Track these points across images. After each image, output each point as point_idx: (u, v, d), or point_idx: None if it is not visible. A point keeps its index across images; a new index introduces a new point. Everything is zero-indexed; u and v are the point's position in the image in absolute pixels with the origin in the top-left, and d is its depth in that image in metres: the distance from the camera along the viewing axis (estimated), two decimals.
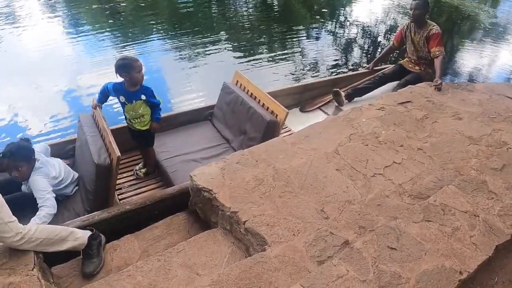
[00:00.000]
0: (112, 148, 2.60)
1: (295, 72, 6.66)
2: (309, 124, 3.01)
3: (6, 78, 6.23)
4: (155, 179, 3.35)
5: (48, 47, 7.41)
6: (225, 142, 3.60)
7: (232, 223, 2.21)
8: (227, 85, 3.75)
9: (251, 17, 9.64)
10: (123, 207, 2.58)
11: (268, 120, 3.15)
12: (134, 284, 1.96)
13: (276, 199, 2.29)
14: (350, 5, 10.44)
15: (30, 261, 1.89)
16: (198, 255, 2.12)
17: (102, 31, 8.19)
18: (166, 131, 3.64)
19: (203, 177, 2.43)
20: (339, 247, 1.98)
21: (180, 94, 5.79)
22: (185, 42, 7.67)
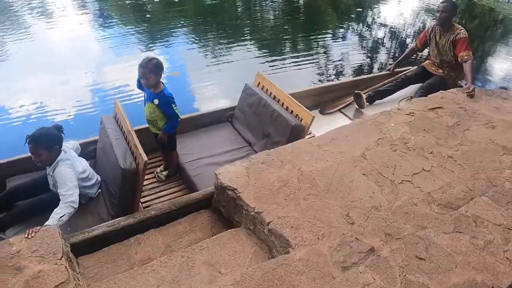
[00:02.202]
0: (139, 152, 2.55)
1: (318, 73, 6.58)
2: (329, 126, 2.97)
3: (33, 72, 6.40)
4: (177, 182, 3.34)
5: (76, 42, 7.60)
6: (247, 145, 3.57)
7: (256, 223, 2.20)
8: (249, 87, 3.72)
9: (276, 17, 9.60)
10: (148, 213, 2.57)
11: (293, 124, 3.11)
12: (157, 278, 1.97)
13: (301, 201, 2.26)
14: (378, 6, 10.25)
15: (58, 250, 1.93)
16: (221, 253, 2.12)
17: (129, 27, 8.33)
18: (187, 133, 3.62)
19: (228, 175, 2.43)
20: (365, 254, 1.95)
21: (201, 93, 5.78)
22: (210, 41, 7.71)
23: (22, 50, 7.21)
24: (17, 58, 6.88)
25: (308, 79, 6.24)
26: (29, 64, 6.63)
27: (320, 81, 6.26)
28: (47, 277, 1.80)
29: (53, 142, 2.51)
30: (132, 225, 2.49)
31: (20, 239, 1.98)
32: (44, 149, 2.48)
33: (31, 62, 6.73)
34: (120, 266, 2.22)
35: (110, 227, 2.44)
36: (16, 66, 6.62)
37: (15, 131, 4.85)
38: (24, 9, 9.09)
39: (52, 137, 2.52)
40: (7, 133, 4.81)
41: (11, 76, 6.29)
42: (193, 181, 3.11)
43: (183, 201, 2.71)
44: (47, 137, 2.49)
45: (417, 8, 9.95)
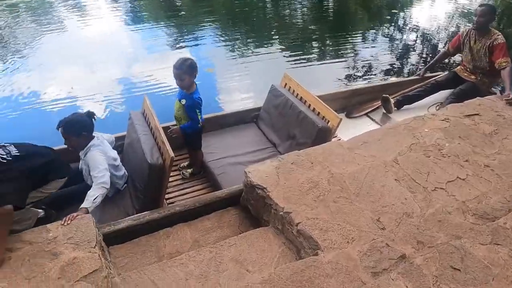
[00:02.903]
0: (166, 148, 2.59)
1: (345, 76, 6.50)
2: (355, 130, 2.92)
3: (66, 64, 6.61)
4: (201, 180, 3.38)
5: (107, 36, 7.81)
6: (271, 146, 3.56)
7: (284, 223, 2.20)
8: (275, 88, 3.71)
9: (305, 17, 9.55)
10: (173, 209, 2.61)
11: (320, 126, 3.09)
12: (186, 272, 2.00)
13: (331, 203, 2.24)
14: (410, 9, 10.02)
15: (92, 239, 1.99)
16: (249, 251, 2.13)
17: (159, 23, 8.48)
18: (212, 132, 3.66)
19: (257, 174, 2.44)
20: (395, 261, 1.91)
21: (227, 92, 5.82)
22: (237, 39, 7.74)
23: (56, 43, 7.49)
24: (51, 50, 7.15)
25: (335, 82, 6.17)
26: (62, 57, 6.86)
27: (347, 84, 6.19)
28: (82, 264, 1.86)
29: (81, 128, 2.59)
30: (157, 220, 2.53)
31: (57, 226, 2.05)
32: (73, 134, 2.56)
33: (64, 54, 6.97)
34: (149, 257, 2.27)
35: (135, 221, 2.49)
36: (50, 57, 6.87)
37: (45, 120, 5.02)
38: (60, 3, 9.39)
39: (81, 124, 2.59)
40: (39, 122, 4.98)
41: (45, 67, 6.53)
42: (217, 179, 3.14)
43: (207, 198, 2.74)
44: (76, 123, 2.58)
45: (451, 11, 9.68)
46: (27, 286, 1.76)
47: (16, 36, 7.74)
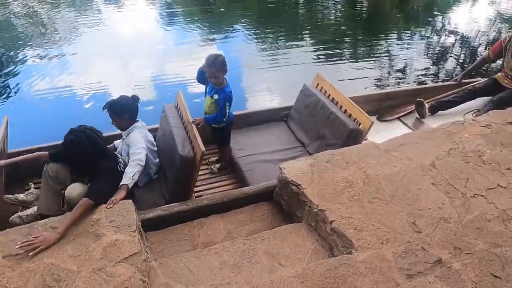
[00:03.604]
0: (197, 142, 2.64)
1: (378, 78, 6.39)
2: (386, 134, 2.89)
3: (100, 56, 6.82)
4: (229, 175, 3.42)
5: (141, 31, 8.01)
6: (300, 145, 3.57)
7: (318, 220, 2.21)
8: (307, 87, 3.70)
9: (338, 16, 9.45)
10: (201, 202, 2.69)
11: (351, 128, 3.07)
12: (220, 261, 2.05)
13: (366, 204, 2.24)
14: (449, 11, 9.73)
15: (133, 223, 2.07)
16: (282, 246, 2.16)
17: (193, 19, 8.61)
18: (241, 129, 3.69)
19: (292, 171, 2.46)
20: (431, 265, 1.89)
21: (256, 91, 5.82)
22: (268, 39, 7.75)
23: (92, 35, 7.74)
24: (87, 42, 7.40)
25: (367, 84, 6.08)
26: (96, 49, 7.09)
27: (378, 86, 6.09)
28: (122, 246, 1.94)
29: (123, 111, 2.72)
30: (185, 212, 2.61)
31: (100, 209, 2.15)
32: (115, 115, 2.72)
33: (98, 47, 7.20)
34: (184, 245, 2.34)
35: (164, 211, 2.57)
36: (85, 49, 7.11)
37: (75, 108, 5.23)
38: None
39: (123, 107, 2.73)
40: (69, 110, 5.19)
41: (80, 58, 6.77)
42: (245, 176, 3.18)
43: (234, 194, 2.79)
44: (119, 106, 2.72)
45: (493, 15, 9.32)
46: (72, 263, 1.85)
47: (56, 28, 8.08)
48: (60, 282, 1.77)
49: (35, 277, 1.78)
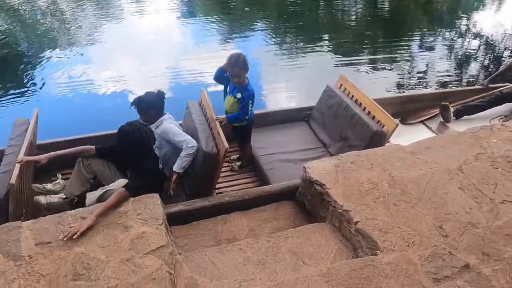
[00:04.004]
0: (221, 139, 2.67)
1: (399, 80, 6.31)
2: (409, 137, 2.87)
3: (120, 52, 6.95)
4: (249, 173, 3.44)
5: (161, 30, 8.11)
6: (321, 146, 3.56)
7: (342, 221, 2.21)
8: (330, 88, 3.69)
9: (359, 19, 9.36)
10: (223, 198, 2.71)
11: (374, 130, 3.04)
12: (244, 257, 2.07)
13: (391, 206, 2.22)
14: (474, 13, 9.52)
15: (160, 216, 2.10)
16: (305, 244, 2.16)
17: (211, 19, 8.67)
18: (263, 128, 3.69)
19: (316, 170, 2.46)
20: (459, 269, 1.86)
21: (273, 91, 5.80)
22: (288, 40, 7.74)
23: (114, 32, 7.88)
24: (108, 39, 7.53)
25: (387, 86, 6.01)
26: (118, 46, 7.23)
27: (399, 89, 6.01)
28: (150, 238, 1.98)
29: (149, 107, 2.80)
30: (207, 208, 2.64)
31: (128, 202, 2.19)
32: (142, 112, 2.81)
33: (120, 43, 7.34)
34: (207, 240, 2.37)
35: (186, 207, 2.61)
36: (106, 46, 7.25)
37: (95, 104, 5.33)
38: None
39: (148, 103, 2.80)
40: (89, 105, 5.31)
41: (102, 54, 6.90)
42: (266, 174, 3.19)
43: (256, 192, 2.81)
44: (144, 103, 2.80)
45: None
46: (101, 253, 1.90)
47: (79, 25, 8.26)
48: (89, 271, 1.81)
49: (66, 265, 1.83)
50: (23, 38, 7.60)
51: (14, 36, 7.60)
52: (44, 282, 1.75)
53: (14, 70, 6.34)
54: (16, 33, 7.78)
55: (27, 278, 1.77)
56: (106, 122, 4.59)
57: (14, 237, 1.95)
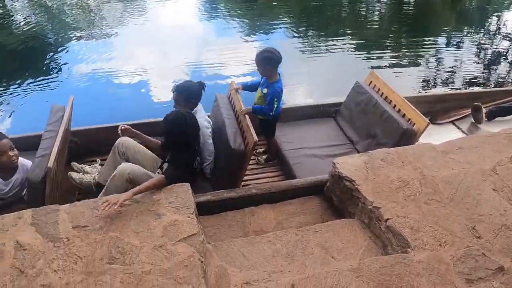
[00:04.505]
0: (250, 132, 2.69)
1: (425, 79, 6.19)
2: (438, 137, 2.87)
3: (142, 44, 7.07)
4: (275, 167, 3.47)
5: (182, 23, 8.17)
6: (349, 142, 3.54)
7: (372, 217, 2.20)
8: (359, 84, 3.65)
9: (383, 16, 9.20)
10: (249, 190, 2.73)
11: (404, 128, 3.01)
12: (273, 250, 2.09)
13: (422, 204, 2.20)
14: (505, 13, 9.22)
15: (191, 205, 2.14)
16: (334, 239, 2.16)
17: (234, 15, 8.68)
18: (290, 122, 3.70)
19: (346, 166, 2.45)
20: (493, 272, 1.84)
21: (297, 86, 5.79)
22: (310, 37, 7.68)
23: (137, 25, 7.99)
24: (131, 32, 7.65)
25: (413, 85, 5.90)
26: (141, 38, 7.34)
27: (425, 88, 5.89)
28: (182, 226, 2.01)
29: (190, 96, 2.85)
30: (234, 199, 2.66)
31: (160, 190, 2.23)
32: (183, 100, 2.84)
33: (142, 36, 7.45)
34: (235, 232, 2.40)
35: (214, 197, 2.64)
36: (129, 38, 7.36)
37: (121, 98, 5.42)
38: None
39: (191, 92, 2.85)
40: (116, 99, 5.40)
41: (124, 46, 7.02)
42: (292, 169, 3.20)
43: (282, 185, 2.82)
44: (187, 91, 2.84)
45: None
46: (136, 238, 1.94)
47: (104, 17, 8.40)
48: (124, 255, 1.86)
49: (102, 248, 1.89)
50: (55, 29, 7.80)
51: (45, 27, 7.82)
52: (81, 264, 1.81)
53: (48, 59, 6.54)
54: (48, 24, 8.01)
55: (65, 259, 1.83)
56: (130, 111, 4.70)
57: (52, 220, 2.02)
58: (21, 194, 2.71)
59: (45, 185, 2.43)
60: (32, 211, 2.07)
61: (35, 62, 6.43)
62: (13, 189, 2.69)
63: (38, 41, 7.14)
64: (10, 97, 5.38)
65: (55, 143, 2.60)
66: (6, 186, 2.66)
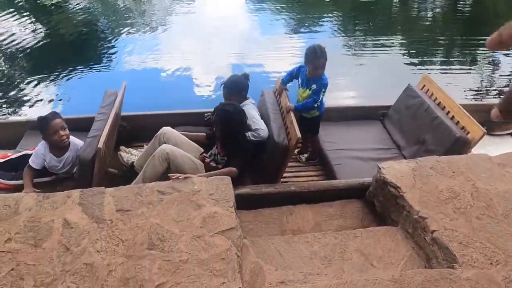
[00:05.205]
0: (294, 128, 2.67)
1: (479, 86, 5.82)
2: (492, 149, 2.70)
3: (190, 35, 7.23)
4: (315, 166, 3.42)
5: (229, 15, 8.22)
6: (395, 147, 3.41)
7: (417, 227, 2.09)
8: (411, 88, 3.50)
9: (435, 16, 8.77)
10: (288, 187, 2.72)
11: (457, 136, 2.84)
12: (311, 251, 2.04)
13: (473, 219, 2.06)
14: None
15: (231, 199, 2.14)
16: (374, 247, 2.08)
17: (281, 9, 8.60)
18: (334, 122, 3.63)
19: (392, 172, 2.35)
20: None
21: (341, 87, 5.65)
22: (358, 35, 7.47)
23: (185, 17, 8.15)
24: (179, 24, 7.81)
25: (465, 91, 5.57)
26: (191, 29, 7.51)
27: (478, 96, 5.54)
28: (220, 219, 2.02)
29: (240, 88, 2.92)
30: (272, 194, 2.66)
31: (201, 181, 2.25)
32: (233, 94, 2.91)
33: (193, 26, 7.61)
34: (273, 229, 2.37)
35: (253, 190, 2.64)
36: (177, 30, 7.54)
37: (167, 88, 5.54)
38: None
39: (240, 85, 2.92)
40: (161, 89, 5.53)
41: (172, 38, 7.17)
42: (333, 169, 3.13)
43: (322, 185, 2.77)
44: (236, 84, 2.91)
45: None
46: (175, 227, 1.97)
47: (155, 7, 8.63)
48: (164, 242, 1.89)
49: (143, 233, 1.93)
50: (109, 17, 8.13)
51: (99, 16, 8.17)
52: (123, 247, 1.86)
53: (102, 46, 6.86)
54: (103, 13, 8.37)
55: (108, 241, 1.88)
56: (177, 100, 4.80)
57: (98, 201, 2.09)
58: (72, 171, 2.87)
59: (94, 164, 2.54)
60: (80, 192, 2.15)
61: (89, 50, 6.76)
62: (65, 166, 2.84)
63: (93, 29, 7.50)
64: (68, 81, 5.71)
65: (106, 125, 2.72)
66: (59, 163, 2.83)
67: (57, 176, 2.92)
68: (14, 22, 7.62)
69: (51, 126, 2.66)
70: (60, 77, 5.74)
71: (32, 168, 2.77)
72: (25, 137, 3.30)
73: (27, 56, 6.43)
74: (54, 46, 6.83)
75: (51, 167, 2.84)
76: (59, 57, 6.46)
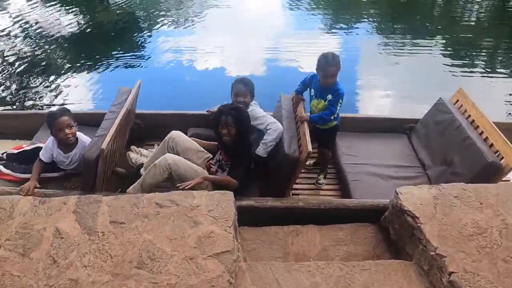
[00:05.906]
0: (306, 140, 2.52)
1: None
2: None
3: (221, 31, 7.17)
4: (330, 180, 3.23)
5: (264, 11, 8.05)
6: (419, 166, 3.16)
7: (433, 265, 1.88)
8: (443, 102, 3.22)
9: (480, 19, 8.18)
10: (296, 203, 2.59)
11: (489, 160, 2.57)
12: (311, 282, 1.88)
13: (499, 261, 1.82)
14: None
15: (230, 217, 2.00)
16: (384, 283, 1.89)
17: (317, 6, 8.34)
18: (354, 133, 3.42)
19: (410, 198, 2.13)
20: None
21: (369, 93, 5.33)
22: (394, 38, 7.09)
23: (219, 12, 8.05)
24: (213, 20, 7.75)
25: (508, 109, 5.10)
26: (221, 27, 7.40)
27: None
28: (217, 240, 1.89)
29: (254, 90, 2.89)
30: (277, 209, 2.54)
31: (201, 195, 2.13)
32: (251, 92, 2.86)
33: (226, 23, 7.53)
34: (275, 250, 2.23)
35: (257, 203, 2.53)
36: (210, 25, 7.48)
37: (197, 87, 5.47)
38: None
39: (253, 86, 2.88)
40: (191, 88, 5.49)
41: (205, 33, 7.14)
42: (348, 185, 2.94)
43: (333, 203, 2.62)
44: (252, 85, 2.86)
45: None
46: (168, 245, 1.86)
47: (188, 5, 8.61)
48: (154, 261, 1.78)
49: (133, 250, 1.83)
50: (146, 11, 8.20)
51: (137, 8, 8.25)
52: (111, 263, 1.77)
53: (128, 41, 6.90)
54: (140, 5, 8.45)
55: (96, 255, 1.80)
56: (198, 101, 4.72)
57: (93, 211, 2.01)
58: (80, 168, 2.84)
59: (98, 164, 2.50)
60: (76, 198, 2.09)
61: (123, 42, 6.86)
62: (73, 162, 2.83)
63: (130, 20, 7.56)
64: (95, 74, 5.79)
65: (113, 125, 2.66)
66: (66, 159, 2.81)
67: (65, 172, 2.91)
68: (56, 14, 7.87)
69: (57, 123, 2.64)
70: (91, 69, 5.85)
71: (42, 161, 2.78)
72: (42, 129, 3.31)
73: (65, 45, 6.61)
74: (90, 37, 6.99)
75: (59, 162, 2.84)
76: (94, 48, 6.59)
